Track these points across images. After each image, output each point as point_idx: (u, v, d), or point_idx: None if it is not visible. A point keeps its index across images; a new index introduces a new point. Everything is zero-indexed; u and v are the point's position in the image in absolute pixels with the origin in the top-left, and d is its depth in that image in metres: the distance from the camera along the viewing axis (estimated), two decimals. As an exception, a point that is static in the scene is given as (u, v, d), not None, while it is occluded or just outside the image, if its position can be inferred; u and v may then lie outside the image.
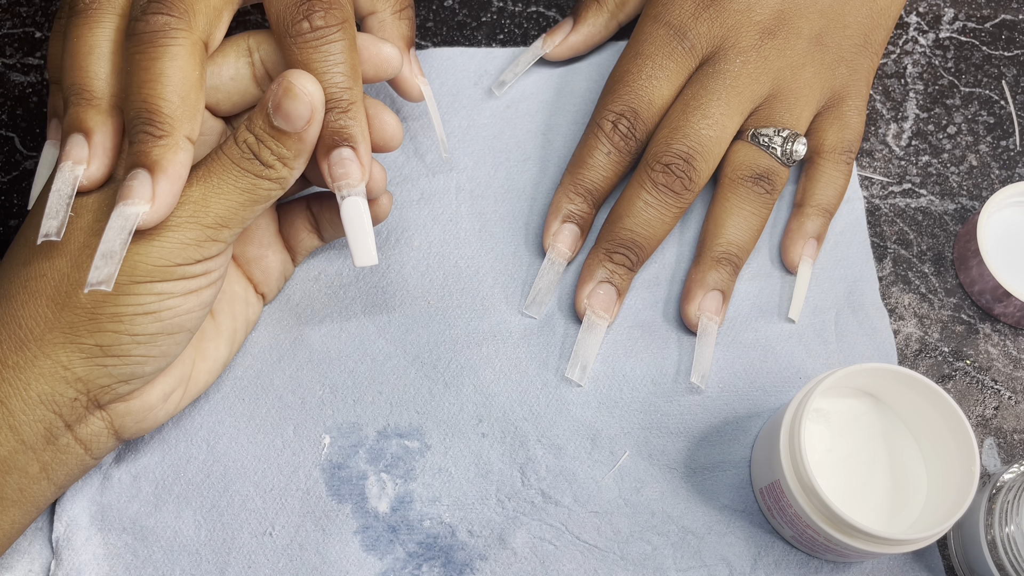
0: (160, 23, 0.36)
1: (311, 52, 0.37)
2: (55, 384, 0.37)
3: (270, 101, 0.37)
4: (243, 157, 0.37)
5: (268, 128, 0.37)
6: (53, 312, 0.36)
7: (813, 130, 0.50)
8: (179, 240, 0.36)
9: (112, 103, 0.38)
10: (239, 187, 0.37)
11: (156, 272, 0.36)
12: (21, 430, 0.36)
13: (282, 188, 0.38)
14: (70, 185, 0.36)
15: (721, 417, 0.47)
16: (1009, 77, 0.56)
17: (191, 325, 0.38)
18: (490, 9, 0.56)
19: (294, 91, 0.36)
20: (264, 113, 0.37)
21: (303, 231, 0.46)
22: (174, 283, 0.37)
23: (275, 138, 0.37)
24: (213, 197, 0.37)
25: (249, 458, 0.45)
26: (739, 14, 0.48)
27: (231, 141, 0.37)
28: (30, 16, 0.54)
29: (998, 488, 0.43)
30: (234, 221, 0.38)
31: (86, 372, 0.37)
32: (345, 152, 0.38)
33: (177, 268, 0.36)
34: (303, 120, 0.37)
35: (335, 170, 0.38)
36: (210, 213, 0.37)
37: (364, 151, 0.39)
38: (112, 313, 0.36)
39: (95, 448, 0.40)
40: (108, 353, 0.37)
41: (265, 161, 0.37)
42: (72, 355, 0.36)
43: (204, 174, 0.37)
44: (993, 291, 0.48)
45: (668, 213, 0.47)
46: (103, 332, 0.36)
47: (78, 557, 0.43)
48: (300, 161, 0.38)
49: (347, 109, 0.38)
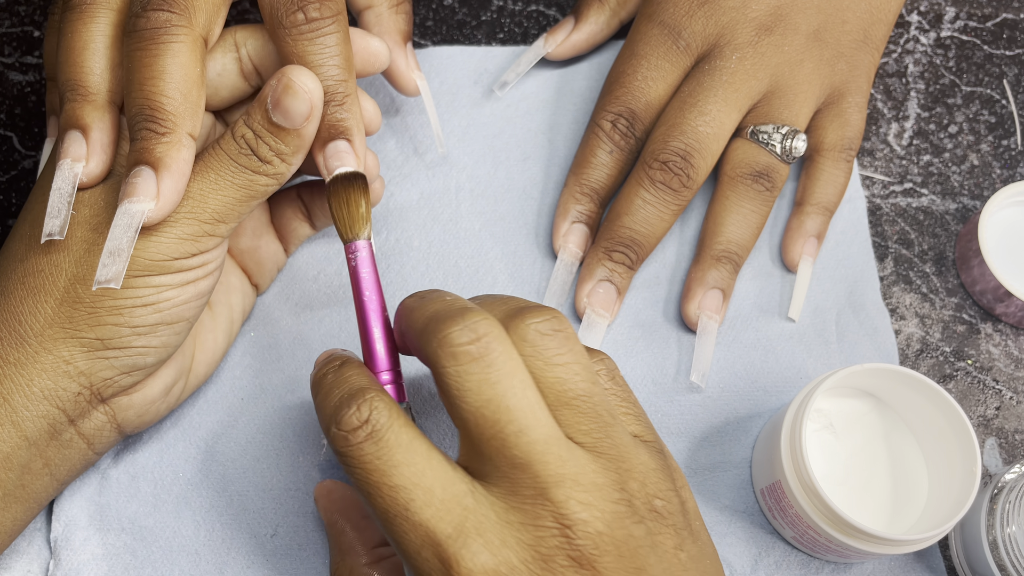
0: (161, 20, 0.36)
1: (306, 44, 0.37)
2: (58, 379, 0.37)
3: (269, 97, 0.37)
4: (240, 152, 0.37)
5: (266, 124, 0.37)
6: (52, 307, 0.36)
7: (813, 128, 0.50)
8: (176, 235, 0.36)
9: (108, 98, 0.38)
10: (236, 182, 0.37)
11: (153, 266, 0.36)
12: (24, 426, 0.37)
13: (279, 183, 0.38)
14: (70, 183, 0.37)
15: (722, 417, 0.47)
16: (1010, 76, 0.56)
17: (190, 315, 0.39)
18: (490, 8, 0.56)
19: (294, 88, 0.36)
20: (263, 109, 0.37)
21: (295, 220, 0.47)
22: (171, 276, 0.37)
23: (273, 134, 0.37)
24: (210, 192, 0.37)
25: (248, 458, 0.45)
26: (734, 11, 0.48)
27: (228, 136, 0.37)
28: (28, 15, 0.54)
29: (999, 488, 0.43)
30: (231, 216, 0.38)
31: (88, 366, 0.37)
32: (342, 144, 0.38)
33: (174, 262, 0.37)
34: (302, 117, 0.37)
35: (331, 162, 0.38)
36: (207, 208, 0.37)
37: (359, 143, 0.39)
38: (111, 306, 0.36)
39: (97, 443, 0.40)
40: (109, 346, 0.37)
41: (263, 157, 0.37)
42: (73, 349, 0.37)
43: (201, 169, 0.37)
44: (994, 291, 0.48)
45: (667, 211, 0.47)
46: (103, 325, 0.36)
47: (77, 557, 0.42)
48: (298, 157, 0.38)
49: (342, 102, 0.38)
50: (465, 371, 0.32)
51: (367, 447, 0.32)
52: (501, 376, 0.32)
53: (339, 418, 0.33)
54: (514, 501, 0.31)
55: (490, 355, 0.32)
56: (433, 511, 0.31)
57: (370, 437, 0.32)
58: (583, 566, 0.31)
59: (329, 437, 0.34)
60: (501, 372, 0.32)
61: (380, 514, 0.32)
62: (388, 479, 0.32)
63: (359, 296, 0.38)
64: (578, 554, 0.31)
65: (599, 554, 0.31)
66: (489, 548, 0.31)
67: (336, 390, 0.34)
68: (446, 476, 0.32)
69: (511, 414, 0.32)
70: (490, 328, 0.32)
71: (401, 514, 0.32)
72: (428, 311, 0.34)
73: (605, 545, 0.31)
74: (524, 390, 0.32)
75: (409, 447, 0.32)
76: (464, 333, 0.32)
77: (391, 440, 0.32)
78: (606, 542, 0.31)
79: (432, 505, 0.31)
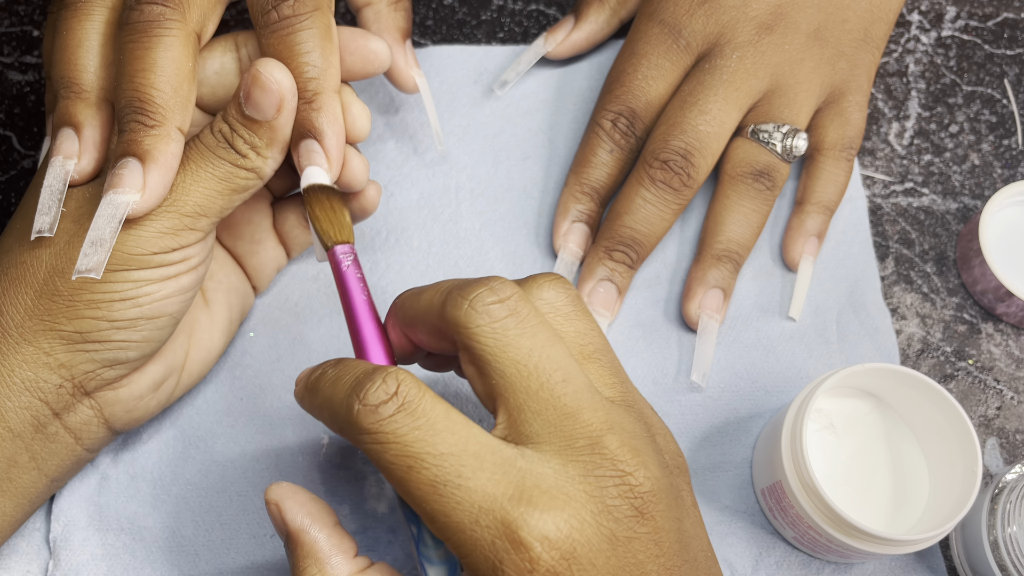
0: (155, 13, 0.36)
1: (277, 42, 0.38)
2: (38, 370, 0.37)
3: (242, 90, 0.37)
4: (218, 145, 0.37)
5: (240, 117, 0.37)
6: (32, 299, 0.36)
7: (814, 126, 0.50)
8: (156, 228, 0.36)
9: (101, 96, 0.38)
10: (216, 175, 0.37)
11: (132, 260, 0.36)
12: (7, 417, 0.37)
13: (260, 178, 0.38)
14: (61, 180, 0.37)
15: (722, 417, 0.47)
16: (1011, 76, 0.56)
17: (172, 310, 0.38)
18: (490, 7, 0.56)
19: (261, 80, 0.36)
20: (237, 102, 0.37)
21: (297, 227, 0.46)
22: (151, 271, 0.37)
23: (247, 127, 0.37)
24: (191, 186, 0.37)
25: (247, 459, 0.45)
26: (735, 10, 0.48)
27: (207, 130, 0.37)
28: (28, 15, 0.54)
29: (1000, 488, 0.43)
30: (212, 210, 0.37)
31: (68, 358, 0.37)
32: (311, 144, 0.38)
33: (154, 256, 0.36)
34: (272, 109, 0.37)
35: (302, 160, 0.39)
36: (188, 202, 0.37)
37: (331, 143, 0.39)
38: (89, 300, 0.36)
39: (86, 438, 0.39)
40: (88, 339, 0.37)
41: (239, 150, 0.37)
42: (53, 341, 0.36)
43: (181, 163, 0.37)
44: (995, 291, 0.48)
45: (667, 210, 0.47)
46: (82, 319, 0.36)
47: (76, 557, 0.42)
48: (274, 150, 0.38)
49: (311, 100, 0.38)
50: (502, 326, 0.32)
51: (401, 419, 0.31)
52: (536, 329, 0.32)
53: (363, 394, 0.31)
54: (570, 454, 0.30)
55: (521, 311, 0.32)
56: (488, 474, 0.30)
57: (403, 409, 0.31)
58: (644, 516, 0.30)
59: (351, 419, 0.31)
60: (536, 325, 0.32)
61: (425, 488, 0.30)
62: (433, 448, 0.30)
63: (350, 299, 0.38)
64: (640, 503, 0.30)
65: (656, 502, 0.30)
66: (555, 505, 0.29)
67: (345, 376, 0.33)
68: (491, 442, 0.31)
69: (555, 362, 0.31)
70: (514, 289, 0.33)
71: (452, 482, 0.30)
72: (442, 287, 0.34)
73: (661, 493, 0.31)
74: (558, 341, 0.32)
75: (448, 416, 0.31)
76: (492, 293, 0.32)
77: (427, 409, 0.31)
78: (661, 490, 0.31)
79: (485, 469, 0.30)
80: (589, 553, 0.30)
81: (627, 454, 0.31)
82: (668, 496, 0.31)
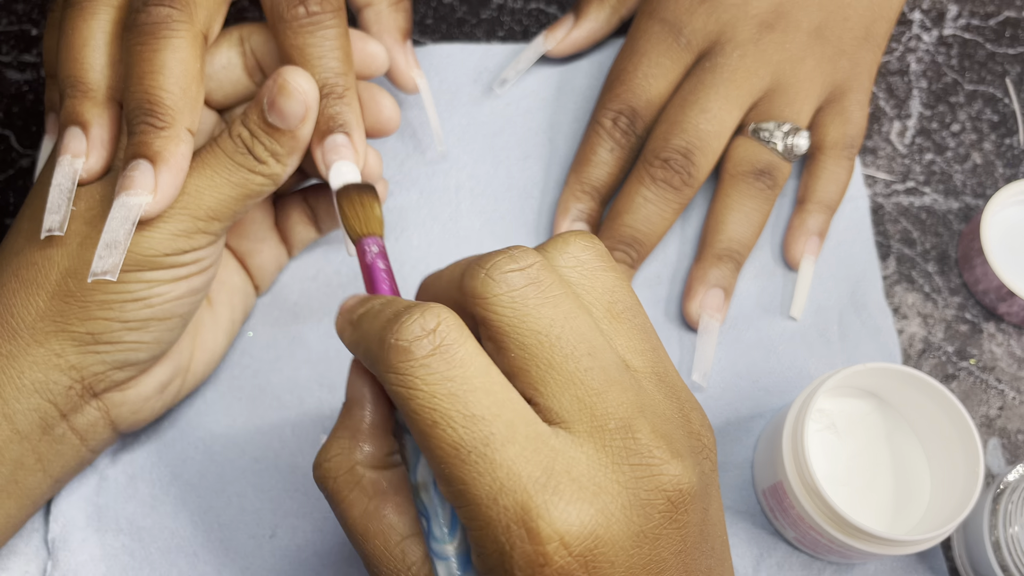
0: (162, 15, 0.36)
1: (306, 37, 0.38)
2: (49, 372, 0.37)
3: (265, 97, 0.37)
4: (236, 151, 0.37)
5: (262, 124, 0.37)
6: (44, 301, 0.36)
7: (815, 125, 0.50)
8: (169, 231, 0.36)
9: (108, 95, 0.38)
10: (232, 180, 0.37)
11: (145, 261, 0.36)
12: (15, 419, 0.36)
13: (275, 184, 0.38)
14: (70, 179, 0.37)
15: (723, 417, 0.47)
16: (1013, 75, 0.56)
17: (183, 311, 0.38)
18: (490, 6, 0.56)
19: (288, 88, 0.36)
20: (259, 108, 0.37)
21: (300, 224, 0.46)
22: (164, 271, 0.37)
23: (269, 134, 0.37)
24: (205, 189, 0.37)
25: (247, 459, 0.45)
26: (735, 8, 0.47)
27: (225, 134, 0.37)
28: (26, 13, 0.54)
29: (1002, 489, 0.43)
30: (225, 214, 0.38)
31: (79, 360, 0.37)
32: (339, 139, 0.38)
33: (166, 258, 0.36)
34: (297, 118, 0.37)
35: (328, 156, 0.38)
36: (202, 205, 0.37)
37: (358, 138, 0.39)
38: (101, 301, 0.36)
39: (91, 439, 0.39)
40: (100, 340, 0.37)
41: (258, 156, 0.37)
42: (64, 343, 0.36)
43: (197, 166, 0.37)
44: (997, 290, 0.48)
45: (668, 209, 0.47)
46: (93, 320, 0.36)
47: (75, 558, 0.42)
48: (294, 158, 0.38)
49: (342, 95, 0.38)
50: (521, 295, 0.29)
51: (435, 363, 0.27)
52: (560, 299, 0.29)
53: (397, 326, 0.28)
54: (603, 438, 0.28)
55: (543, 280, 0.29)
56: (518, 449, 0.27)
57: (438, 351, 0.27)
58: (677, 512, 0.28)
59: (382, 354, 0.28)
60: (559, 295, 0.29)
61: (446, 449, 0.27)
62: (464, 407, 0.27)
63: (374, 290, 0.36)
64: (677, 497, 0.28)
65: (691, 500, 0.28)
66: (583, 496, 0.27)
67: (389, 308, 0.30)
68: (528, 413, 0.28)
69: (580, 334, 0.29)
70: (535, 257, 0.30)
71: (477, 450, 0.27)
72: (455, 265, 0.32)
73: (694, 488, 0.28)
74: (583, 312, 0.29)
75: (487, 372, 0.28)
76: (511, 260, 0.29)
77: (465, 359, 0.28)
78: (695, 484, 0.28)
79: (517, 442, 0.27)
80: (610, 551, 0.27)
81: (661, 442, 0.28)
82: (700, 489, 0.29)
